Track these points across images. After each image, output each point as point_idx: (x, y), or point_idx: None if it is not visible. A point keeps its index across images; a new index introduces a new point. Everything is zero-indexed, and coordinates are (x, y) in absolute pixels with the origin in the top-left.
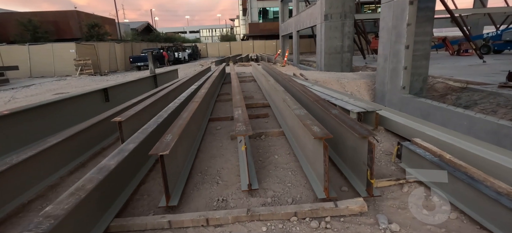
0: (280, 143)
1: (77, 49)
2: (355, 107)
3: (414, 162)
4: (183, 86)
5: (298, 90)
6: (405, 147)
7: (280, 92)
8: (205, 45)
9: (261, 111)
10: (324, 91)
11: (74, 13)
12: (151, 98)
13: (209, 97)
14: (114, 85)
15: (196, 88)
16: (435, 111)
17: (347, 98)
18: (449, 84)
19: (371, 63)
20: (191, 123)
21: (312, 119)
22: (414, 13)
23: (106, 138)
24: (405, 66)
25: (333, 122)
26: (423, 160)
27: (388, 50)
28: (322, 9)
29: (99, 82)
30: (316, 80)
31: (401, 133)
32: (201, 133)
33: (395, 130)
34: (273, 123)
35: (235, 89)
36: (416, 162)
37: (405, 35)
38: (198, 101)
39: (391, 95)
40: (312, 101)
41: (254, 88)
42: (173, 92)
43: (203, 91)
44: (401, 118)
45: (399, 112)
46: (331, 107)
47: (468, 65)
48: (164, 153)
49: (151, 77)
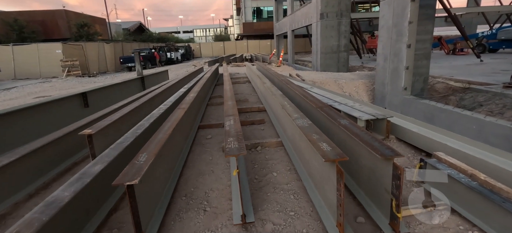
0: (278, 156)
1: (64, 50)
2: (362, 114)
3: (441, 183)
4: (172, 88)
5: (297, 94)
6: (430, 164)
7: (277, 97)
8: (198, 45)
9: (257, 116)
10: (325, 94)
11: (63, 12)
12: (134, 103)
13: (200, 101)
14: (95, 89)
15: (185, 91)
16: (439, 113)
17: (351, 102)
18: (450, 85)
19: (367, 62)
20: (175, 134)
21: (319, 133)
22: (416, 10)
23: (82, 150)
24: (407, 66)
25: (343, 135)
26: (453, 181)
27: (388, 49)
28: (317, 7)
29: (85, 84)
30: (313, 81)
31: (417, 144)
32: (189, 144)
33: (409, 140)
34: (270, 130)
35: (228, 93)
36: (444, 183)
37: (406, 34)
38: (185, 108)
39: (391, 97)
40: (315, 108)
41: (249, 90)
42: (159, 96)
43: (192, 95)
44: (416, 126)
45: (414, 119)
46: (338, 116)
47: (466, 65)
48: (132, 182)
49: (138, 79)
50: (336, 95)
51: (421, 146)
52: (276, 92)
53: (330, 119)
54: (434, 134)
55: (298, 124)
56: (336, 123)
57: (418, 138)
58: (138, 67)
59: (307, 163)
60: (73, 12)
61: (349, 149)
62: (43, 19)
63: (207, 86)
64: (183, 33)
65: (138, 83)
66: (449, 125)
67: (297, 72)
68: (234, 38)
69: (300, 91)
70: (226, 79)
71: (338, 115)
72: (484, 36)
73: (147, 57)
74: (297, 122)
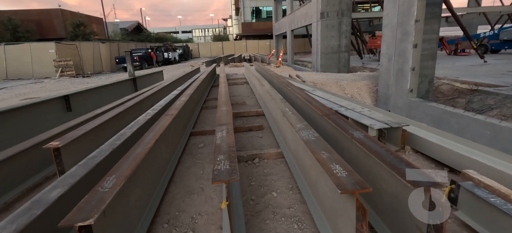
0: (279, 170)
1: (57, 49)
2: (374, 122)
3: (479, 211)
4: (165, 90)
5: (299, 98)
6: (465, 188)
7: (277, 102)
8: (197, 45)
9: (255, 121)
10: (329, 97)
11: (58, 11)
12: (120, 108)
13: (193, 104)
14: (79, 91)
15: (178, 94)
16: (449, 117)
17: (359, 107)
18: (455, 86)
19: (368, 63)
20: (159, 146)
21: (329, 150)
22: (422, 8)
23: None
24: (413, 67)
25: (357, 151)
26: (495, 211)
27: (392, 49)
28: (318, 7)
29: (78, 84)
30: (314, 82)
31: (439, 158)
32: (177, 155)
33: (429, 153)
34: (269, 138)
35: (222, 97)
36: (482, 211)
37: (413, 33)
38: (173, 114)
39: (396, 99)
40: (321, 116)
41: (247, 92)
42: (149, 99)
43: (184, 98)
44: (437, 136)
45: (433, 128)
46: (348, 125)
47: (470, 65)
48: (86, 223)
49: (130, 80)
50: (342, 99)
51: (444, 161)
52: (276, 96)
53: (339, 130)
54: (460, 146)
55: (302, 137)
56: (348, 136)
57: (440, 150)
58: (129, 68)
59: (314, 184)
60: (69, 11)
61: (364, 168)
62: (38, 18)
63: (203, 88)
64: (181, 33)
65: (130, 84)
66: (460, 131)
67: (297, 73)
68: (233, 38)
69: (302, 95)
70: (222, 80)
71: (348, 125)
72: (486, 37)
73: (143, 57)
74: (301, 134)
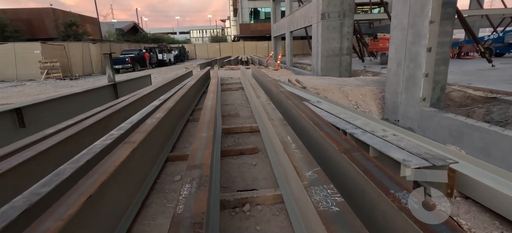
0: (277, 224)
1: (43, 50)
2: (407, 156)
3: None
4: (144, 100)
5: (305, 117)
6: None
7: (276, 125)
8: (193, 47)
9: (248, 140)
10: (338, 112)
11: (50, 10)
12: (77, 126)
13: (175, 118)
14: (37, 103)
15: (159, 104)
16: (471, 132)
17: (380, 128)
18: (468, 93)
19: (370, 66)
20: (104, 194)
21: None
22: (438, 8)
23: None
24: (426, 73)
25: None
26: None
27: (402, 53)
28: (318, 7)
29: (61, 88)
30: (315, 88)
31: (507, 213)
32: (141, 196)
33: (490, 204)
34: (265, 167)
35: (206, 115)
36: None
37: (427, 35)
38: (137, 141)
39: (406, 108)
40: (339, 152)
41: (242, 100)
42: (122, 112)
43: (159, 114)
44: (502, 179)
45: (492, 166)
46: (384, 174)
47: (478, 70)
48: None
49: (109, 86)
50: (354, 114)
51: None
52: (274, 114)
53: (372, 185)
54: None
55: (317, 205)
56: (389, 199)
57: (509, 202)
58: (109, 72)
59: None
60: (61, 11)
61: None
62: (28, 17)
63: (191, 95)
64: (179, 34)
65: (109, 91)
66: (484, 148)
67: (296, 78)
68: (231, 40)
69: (307, 113)
70: (212, 89)
71: (384, 173)
72: (490, 40)
73: (135, 59)
74: (314, 195)
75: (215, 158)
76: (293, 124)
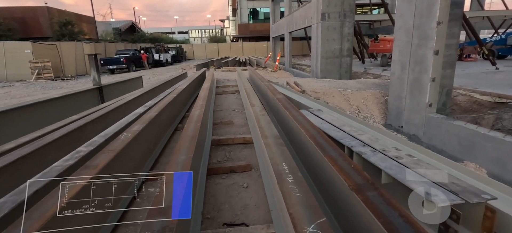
0: None
1: (34, 50)
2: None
3: None
4: (130, 105)
5: (305, 134)
6: None
7: (271, 145)
8: (191, 47)
9: (240, 153)
10: (342, 123)
11: (45, 9)
12: (40, 141)
13: (162, 127)
14: (7, 110)
15: (142, 112)
16: (484, 142)
17: (391, 144)
18: (474, 98)
19: (370, 68)
20: None
21: None
22: (446, 8)
23: None
24: (433, 77)
25: None
26: None
27: (407, 56)
28: (318, 7)
29: (49, 89)
30: (315, 91)
31: None
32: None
33: None
34: (257, 193)
35: (189, 130)
36: None
37: (434, 37)
38: (99, 166)
39: (410, 114)
40: (349, 190)
41: (237, 105)
42: (97, 123)
43: (137, 127)
44: None
45: None
46: None
47: (482, 72)
48: None
49: (94, 90)
50: (360, 125)
51: None
52: (269, 130)
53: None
54: None
55: None
56: None
57: None
58: (93, 74)
59: None
60: (56, 9)
61: None
62: (22, 16)
63: (182, 101)
64: (178, 34)
65: (94, 96)
66: (499, 160)
67: (295, 80)
68: (230, 40)
69: (308, 129)
70: (203, 95)
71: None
72: (492, 41)
73: (130, 59)
74: None
75: (200, 178)
76: (291, 139)
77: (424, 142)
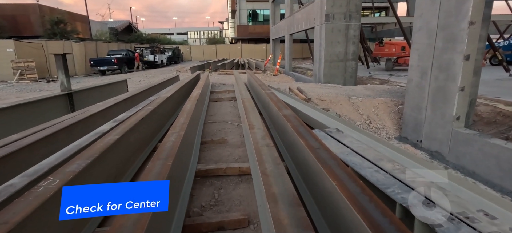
0: None
1: (17, 48)
2: None
3: None
4: (96, 118)
5: (337, 188)
6: None
7: (280, 212)
8: (189, 48)
9: (234, 192)
10: (379, 159)
11: (36, 6)
12: None
13: (130, 151)
14: None
15: (108, 130)
16: None
17: (477, 208)
18: (498, 108)
19: (376, 73)
20: None
21: None
22: (480, 5)
23: None
24: (462, 86)
25: None
26: None
27: (429, 61)
28: (322, 8)
29: (27, 92)
30: (320, 98)
31: None
32: None
33: None
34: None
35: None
36: None
37: (464, 40)
38: None
39: (432, 128)
40: None
41: (232, 115)
42: (38, 147)
43: (79, 163)
44: None
45: None
46: None
47: (496, 79)
48: None
49: (62, 96)
50: (406, 159)
51: None
52: (278, 179)
53: None
54: None
55: None
56: None
57: None
58: (61, 78)
59: None
60: (49, 7)
61: None
62: (13, 13)
63: (165, 112)
64: (176, 35)
65: (61, 103)
66: None
67: (298, 85)
68: (229, 42)
69: (331, 172)
70: (188, 108)
71: None
72: (499, 47)
73: (123, 60)
74: None
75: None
76: (313, 190)
77: (450, 161)
